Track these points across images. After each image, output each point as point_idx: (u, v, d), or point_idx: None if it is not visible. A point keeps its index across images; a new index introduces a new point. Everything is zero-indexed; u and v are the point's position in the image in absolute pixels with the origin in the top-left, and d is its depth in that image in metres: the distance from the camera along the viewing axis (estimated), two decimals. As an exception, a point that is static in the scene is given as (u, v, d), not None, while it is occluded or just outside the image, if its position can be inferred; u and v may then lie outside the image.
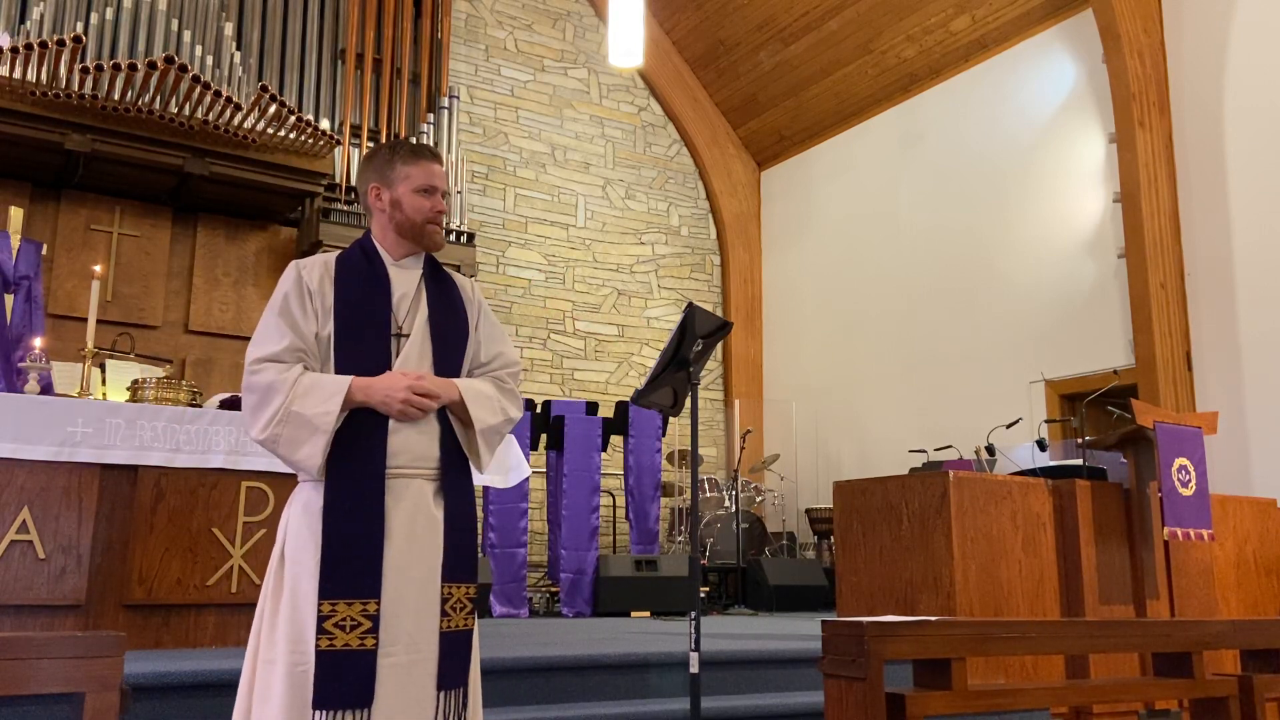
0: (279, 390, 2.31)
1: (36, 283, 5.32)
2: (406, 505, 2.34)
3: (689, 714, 3.35)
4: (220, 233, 8.46)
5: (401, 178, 2.51)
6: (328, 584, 2.24)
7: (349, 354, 2.39)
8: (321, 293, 2.42)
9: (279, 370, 2.33)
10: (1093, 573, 4.70)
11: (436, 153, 2.59)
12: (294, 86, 8.50)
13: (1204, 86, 7.66)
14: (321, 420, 2.28)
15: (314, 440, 2.28)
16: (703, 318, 3.53)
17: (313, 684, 2.20)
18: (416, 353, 2.45)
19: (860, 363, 10.20)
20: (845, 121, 10.71)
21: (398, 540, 2.31)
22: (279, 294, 2.42)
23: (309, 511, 2.32)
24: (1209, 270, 7.51)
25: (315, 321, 2.41)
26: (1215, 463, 6.54)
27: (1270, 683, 2.88)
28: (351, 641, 2.22)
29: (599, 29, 11.05)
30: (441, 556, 2.37)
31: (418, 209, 2.50)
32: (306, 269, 2.45)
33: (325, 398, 2.30)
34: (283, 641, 2.25)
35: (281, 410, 2.29)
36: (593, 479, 7.82)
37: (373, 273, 2.48)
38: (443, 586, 2.37)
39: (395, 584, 2.29)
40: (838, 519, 4.91)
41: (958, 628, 2.48)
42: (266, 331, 2.39)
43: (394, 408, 2.32)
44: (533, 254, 10.38)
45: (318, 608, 2.22)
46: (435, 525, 2.38)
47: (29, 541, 3.78)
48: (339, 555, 2.25)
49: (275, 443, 2.31)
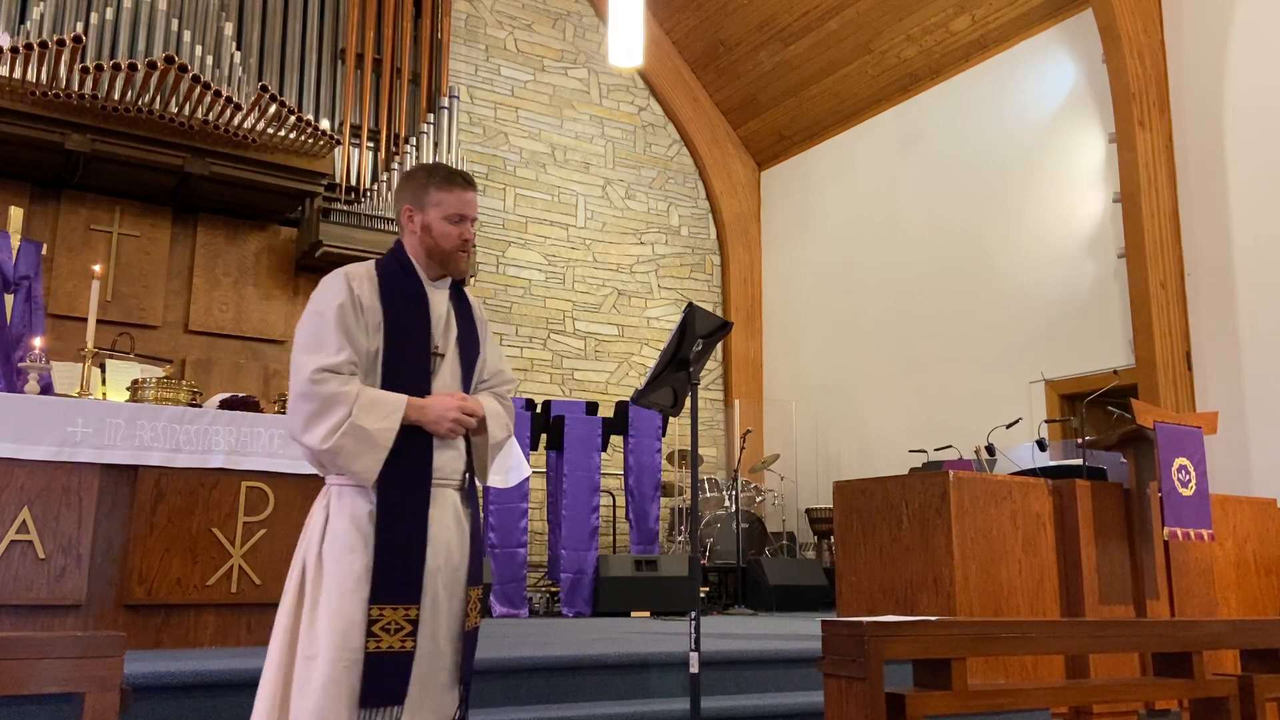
0: (342, 402, 2.40)
1: (36, 283, 5.32)
2: (443, 513, 2.50)
3: (689, 714, 3.35)
4: (220, 233, 8.46)
5: (434, 203, 2.58)
6: (379, 589, 2.36)
7: (395, 371, 2.51)
8: (372, 308, 2.51)
9: (341, 382, 2.42)
10: (1093, 573, 4.70)
11: (470, 179, 2.67)
12: (294, 86, 8.50)
13: (1204, 86, 7.66)
14: (383, 436, 2.40)
15: (374, 454, 2.40)
16: (703, 318, 3.53)
17: (359, 682, 2.31)
18: (449, 371, 2.60)
19: (860, 363, 10.19)
20: (845, 121, 10.71)
21: (436, 545, 2.46)
22: (332, 303, 2.48)
23: (355, 517, 2.42)
24: (1209, 270, 7.51)
25: (366, 336, 2.50)
26: (1215, 463, 6.55)
27: (1270, 683, 2.88)
28: (395, 644, 2.36)
29: (599, 29, 11.06)
30: (468, 560, 2.53)
31: (446, 236, 2.58)
32: (355, 281, 2.53)
33: (385, 414, 2.42)
34: (325, 637, 2.33)
35: (346, 423, 2.38)
36: (593, 479, 7.82)
37: (414, 292, 2.58)
38: (467, 589, 2.53)
39: (431, 588, 2.44)
40: (838, 519, 4.91)
41: (958, 628, 2.48)
42: (324, 340, 2.45)
43: (444, 427, 2.47)
44: (533, 254, 10.38)
45: (367, 611, 2.34)
46: (464, 531, 2.54)
47: (29, 541, 3.78)
48: (390, 562, 2.39)
49: (337, 453, 2.39)
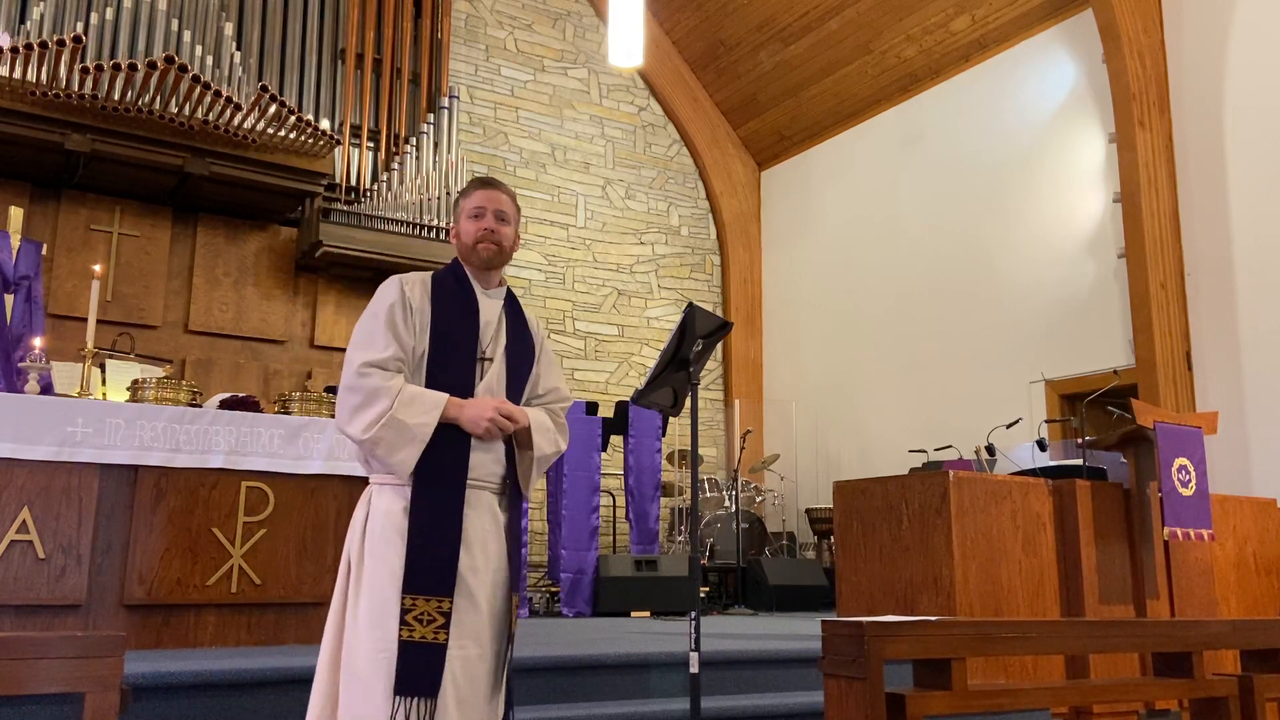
0: (385, 396, 2.51)
1: (36, 283, 5.32)
2: (479, 513, 2.58)
3: (689, 714, 3.35)
4: (220, 233, 8.46)
5: (462, 211, 2.79)
6: (410, 579, 2.45)
7: (440, 371, 2.62)
8: (421, 310, 2.65)
9: (385, 377, 2.53)
10: (1093, 573, 4.70)
11: (492, 181, 2.84)
12: (294, 86, 8.50)
13: (1204, 86, 7.66)
14: (421, 430, 2.50)
15: (411, 447, 2.50)
16: (703, 318, 3.53)
17: (393, 670, 2.38)
18: (496, 377, 2.69)
19: (860, 363, 10.19)
20: (845, 121, 10.70)
21: (472, 545, 2.54)
22: (384, 303, 2.63)
23: (390, 513, 2.52)
24: (1209, 270, 7.51)
25: (414, 336, 2.63)
26: (1215, 463, 6.55)
27: (1270, 683, 2.88)
28: (427, 635, 2.43)
29: (599, 29, 11.05)
30: (508, 562, 2.63)
31: (468, 232, 2.75)
32: (409, 285, 2.67)
33: (425, 410, 2.52)
34: (365, 629, 2.44)
35: (387, 416, 2.49)
36: (593, 479, 7.82)
37: (465, 299, 2.72)
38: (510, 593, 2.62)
39: (469, 584, 2.51)
40: (838, 519, 4.91)
41: (958, 628, 2.48)
42: (372, 337, 2.59)
43: (481, 427, 2.55)
44: (533, 254, 10.38)
45: (400, 601, 2.43)
46: (500, 534, 2.63)
47: (29, 541, 3.78)
48: (422, 554, 2.47)
49: (376, 444, 2.50)
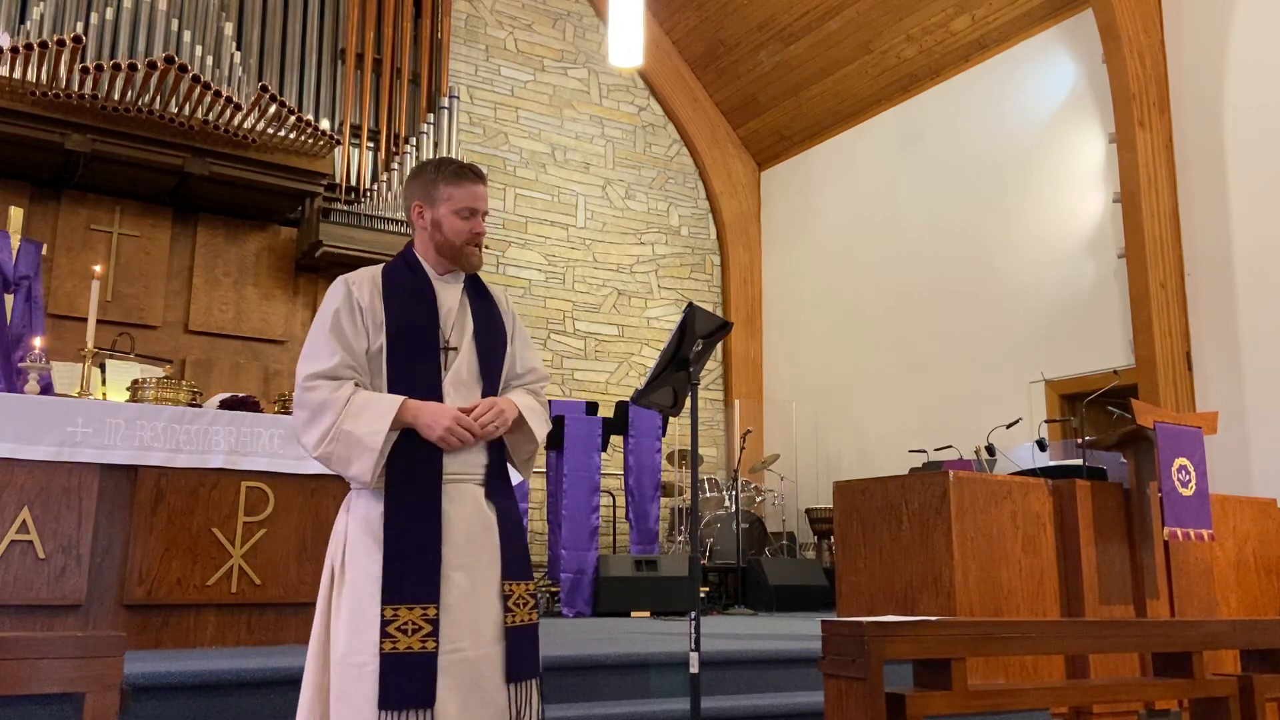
0: (330, 409, 2.39)
1: (36, 283, 5.32)
2: (462, 508, 2.45)
3: (689, 714, 3.35)
4: (220, 233, 8.46)
5: (444, 198, 2.56)
6: (390, 589, 2.32)
7: (401, 368, 2.47)
8: (372, 309, 2.49)
9: (331, 388, 2.41)
10: (1093, 573, 4.70)
11: (480, 173, 2.64)
12: (294, 86, 8.50)
13: (1204, 86, 7.66)
14: (371, 439, 2.36)
15: (365, 458, 2.37)
16: (703, 318, 3.53)
17: (377, 683, 2.27)
18: (465, 366, 2.54)
19: (860, 363, 10.19)
20: (845, 121, 10.70)
21: (458, 541, 2.42)
22: (328, 309, 2.49)
23: (368, 519, 2.41)
24: (1209, 270, 7.51)
25: (366, 337, 2.48)
26: (1215, 463, 6.54)
27: (1270, 683, 2.88)
28: (414, 644, 2.31)
29: (599, 29, 11.05)
30: (499, 554, 2.49)
31: (457, 231, 2.56)
32: (356, 284, 2.52)
33: (376, 417, 2.38)
34: (344, 640, 2.33)
35: (333, 429, 2.38)
36: (593, 479, 7.81)
37: (420, 288, 2.55)
38: (504, 584, 2.47)
39: (459, 583, 2.40)
40: (838, 519, 4.91)
41: (958, 628, 2.48)
42: (317, 348, 2.46)
43: (435, 434, 2.40)
44: (533, 254, 10.38)
45: (380, 612, 2.31)
46: (490, 525, 2.50)
47: (29, 541, 3.78)
48: (400, 562, 2.35)
49: (329, 459, 2.41)
